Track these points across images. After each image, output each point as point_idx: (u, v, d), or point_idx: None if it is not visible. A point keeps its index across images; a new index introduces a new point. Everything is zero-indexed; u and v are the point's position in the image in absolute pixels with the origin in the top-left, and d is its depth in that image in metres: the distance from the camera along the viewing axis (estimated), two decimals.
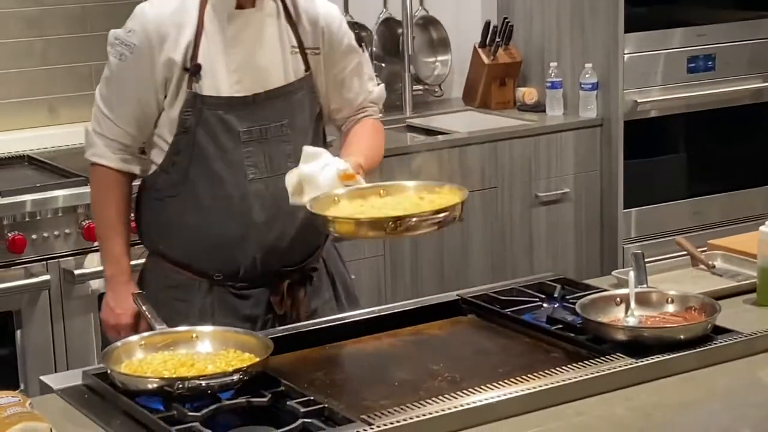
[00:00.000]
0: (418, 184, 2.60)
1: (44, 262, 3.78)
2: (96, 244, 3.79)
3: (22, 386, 3.77)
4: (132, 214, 2.87)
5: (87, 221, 3.78)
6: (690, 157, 5.18)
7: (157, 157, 2.77)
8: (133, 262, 2.88)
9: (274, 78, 2.75)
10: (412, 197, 2.53)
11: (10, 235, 3.71)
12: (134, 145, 2.79)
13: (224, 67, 2.71)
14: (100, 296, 3.82)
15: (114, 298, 2.83)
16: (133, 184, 2.86)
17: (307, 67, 2.80)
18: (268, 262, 2.76)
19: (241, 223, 2.73)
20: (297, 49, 2.79)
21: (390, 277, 4.50)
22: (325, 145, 2.84)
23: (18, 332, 3.78)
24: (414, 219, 2.36)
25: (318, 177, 2.53)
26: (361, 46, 2.93)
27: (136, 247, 2.91)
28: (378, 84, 3.01)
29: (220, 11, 2.72)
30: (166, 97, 2.71)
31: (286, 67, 2.77)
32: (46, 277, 3.76)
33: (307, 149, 2.59)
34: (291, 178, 2.57)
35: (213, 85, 2.70)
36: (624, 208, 4.92)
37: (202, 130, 2.71)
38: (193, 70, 2.69)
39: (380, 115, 3.02)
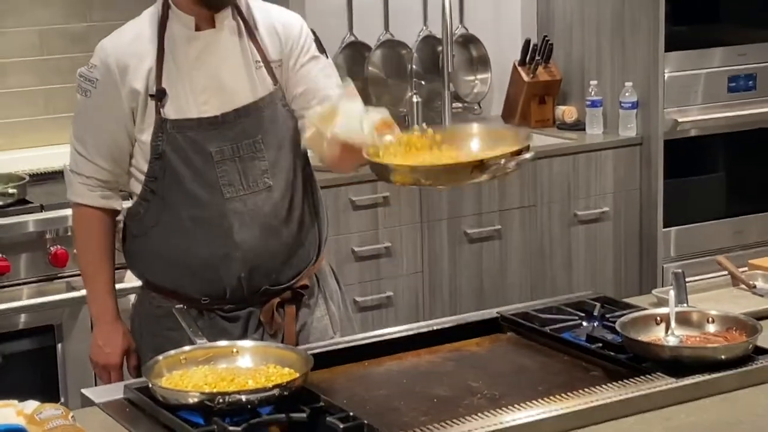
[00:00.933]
0: (475, 131, 2.46)
1: None
2: None
3: (62, 399, 3.79)
4: (119, 245, 2.87)
5: None
6: (730, 177, 5.17)
7: (136, 187, 2.76)
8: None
9: (241, 96, 2.73)
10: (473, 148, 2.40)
11: (52, 249, 3.75)
12: (112, 180, 2.79)
13: (190, 89, 2.70)
14: None
15: (102, 337, 2.85)
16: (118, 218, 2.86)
17: (275, 81, 2.77)
18: (253, 281, 2.74)
19: (222, 243, 2.72)
20: (261, 64, 2.76)
21: (428, 294, 4.51)
22: (307, 158, 2.83)
23: (59, 346, 3.81)
24: (493, 164, 2.23)
25: (361, 118, 2.46)
26: (323, 53, 2.87)
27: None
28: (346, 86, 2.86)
29: (179, 35, 2.70)
30: (135, 125, 2.71)
31: (253, 84, 2.74)
32: None
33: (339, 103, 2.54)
34: (319, 110, 2.55)
35: (180, 108, 2.69)
36: (663, 227, 4.91)
37: (175, 154, 2.69)
38: (158, 95, 2.69)
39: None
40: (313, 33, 2.87)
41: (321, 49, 2.85)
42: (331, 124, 2.50)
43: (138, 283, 2.90)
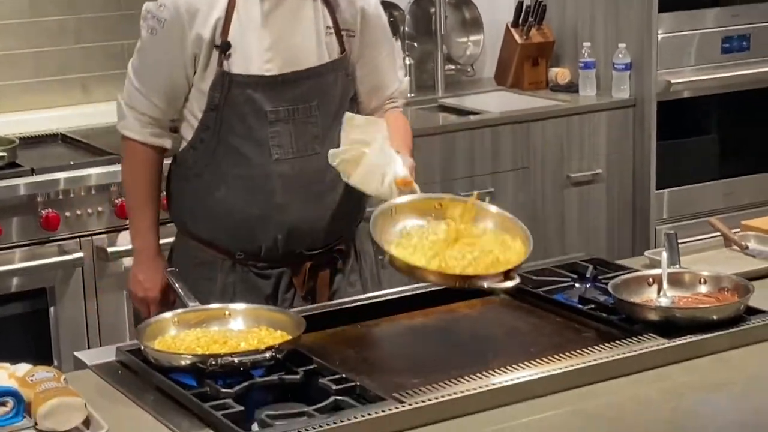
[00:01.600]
0: (495, 225, 2.48)
1: (77, 240, 3.81)
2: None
3: (55, 362, 3.80)
4: (163, 191, 2.89)
5: (120, 199, 3.80)
6: (723, 138, 5.16)
7: (187, 132, 2.78)
8: (163, 241, 2.89)
9: (306, 58, 2.73)
10: (488, 243, 2.40)
11: (43, 212, 3.74)
12: (164, 119, 2.80)
13: (256, 45, 2.69)
14: None
15: (142, 271, 2.86)
16: (165, 162, 2.87)
17: (343, 49, 2.78)
18: (289, 244, 2.76)
19: (263, 203, 2.73)
20: (332, 30, 2.76)
21: None
22: None
23: (52, 309, 3.81)
24: (485, 283, 2.27)
25: (384, 173, 2.51)
26: (395, 34, 2.91)
27: (167, 225, 2.93)
28: (406, 75, 2.98)
29: None
30: (195, 72, 2.71)
31: (320, 49, 2.75)
32: (80, 254, 3.79)
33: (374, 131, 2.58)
34: (346, 153, 2.56)
35: (243, 63, 2.69)
36: (656, 189, 4.90)
37: (230, 108, 2.70)
38: (223, 47, 2.68)
39: (402, 108, 2.99)
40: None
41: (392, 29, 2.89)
42: (352, 170, 2.54)
43: None
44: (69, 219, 3.78)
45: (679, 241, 2.70)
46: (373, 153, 2.56)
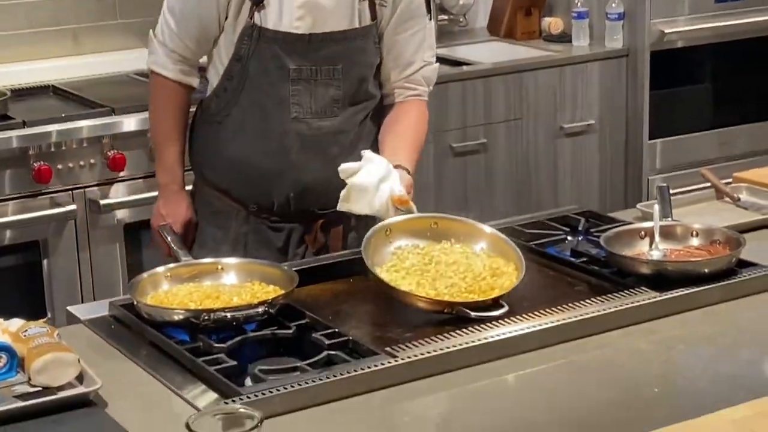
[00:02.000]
0: (484, 249, 2.46)
1: (70, 192, 3.80)
2: (121, 174, 3.84)
3: (49, 314, 3.80)
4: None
5: (112, 151, 3.80)
6: (716, 88, 5.15)
7: (213, 78, 2.80)
8: None
9: (337, 21, 2.72)
10: (480, 267, 2.38)
11: (35, 165, 3.73)
12: (194, 58, 2.83)
13: (288, 2, 2.69)
14: (126, 225, 3.86)
15: (165, 206, 2.87)
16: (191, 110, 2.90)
17: (374, 17, 2.77)
18: (302, 202, 2.78)
19: (278, 160, 2.75)
20: None
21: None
22: (379, 99, 2.84)
23: (44, 261, 3.81)
24: (473, 314, 2.23)
25: (372, 197, 2.51)
26: (429, 12, 2.87)
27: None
28: (436, 61, 2.94)
29: None
30: (227, 18, 2.72)
31: (352, 13, 2.73)
32: (72, 207, 3.78)
33: (365, 154, 2.56)
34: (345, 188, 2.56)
35: (273, 18, 2.70)
36: (649, 139, 4.90)
37: (255, 62, 2.72)
38: (256, 0, 2.69)
39: (426, 97, 2.94)
40: None
41: (428, 8, 2.85)
42: (347, 202, 2.54)
43: None
44: (61, 172, 3.77)
45: (672, 192, 2.70)
46: (356, 181, 2.53)
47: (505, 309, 2.24)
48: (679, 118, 5.01)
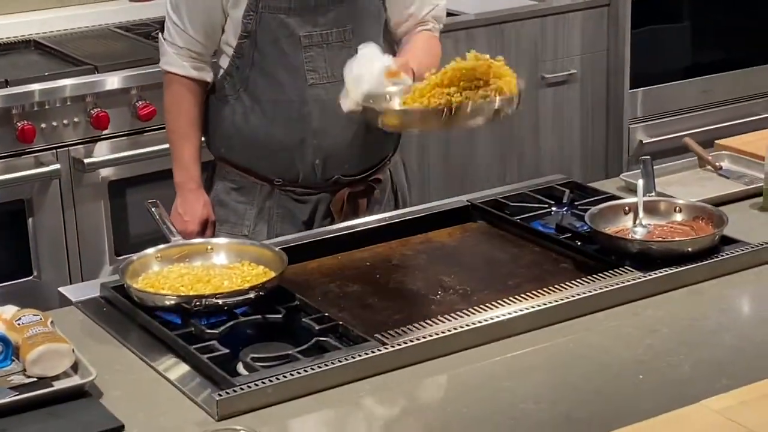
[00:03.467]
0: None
1: (54, 151, 3.80)
2: (105, 132, 3.83)
3: (35, 272, 3.82)
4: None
5: (96, 109, 3.78)
6: (697, 34, 5.14)
7: (224, 62, 2.80)
8: None
9: None
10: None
11: (19, 124, 3.71)
12: (205, 53, 2.82)
13: None
14: (110, 183, 3.87)
15: (182, 205, 2.88)
16: None
17: None
18: (327, 169, 2.79)
19: (299, 128, 2.76)
20: None
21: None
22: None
23: (30, 220, 3.81)
24: (469, 107, 2.26)
25: (363, 74, 2.48)
26: None
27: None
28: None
29: None
30: (230, 1, 2.72)
31: None
32: (56, 166, 3.78)
33: (360, 49, 2.55)
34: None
35: None
36: (630, 88, 4.91)
37: (263, 34, 2.71)
38: None
39: (438, 33, 2.96)
40: None
41: None
42: (346, 98, 2.48)
43: None
44: (45, 131, 3.76)
45: (654, 161, 2.72)
46: (353, 66, 2.51)
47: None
48: (661, 66, 5.01)
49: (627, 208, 2.56)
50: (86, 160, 3.82)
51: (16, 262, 3.80)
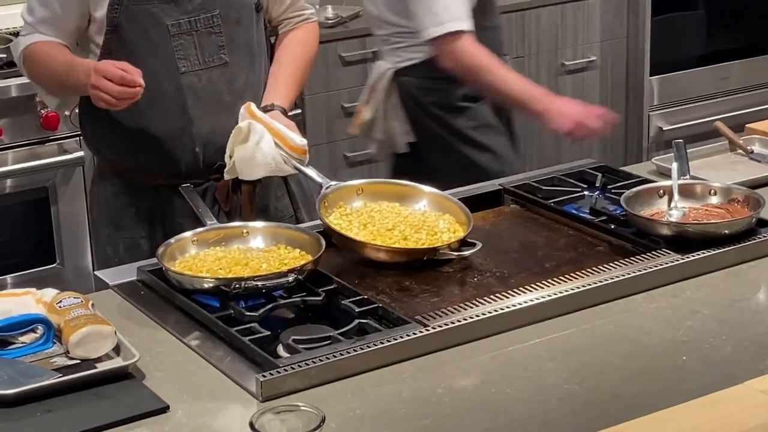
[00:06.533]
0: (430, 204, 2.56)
1: (77, 139, 3.80)
2: None
3: (58, 260, 3.82)
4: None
5: None
6: (715, 21, 5.14)
7: (92, 60, 2.69)
8: None
9: None
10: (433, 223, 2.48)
11: (43, 111, 3.72)
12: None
13: None
14: None
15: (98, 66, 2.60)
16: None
17: None
18: (208, 157, 2.73)
19: (177, 118, 2.71)
20: None
21: None
22: (268, 42, 2.83)
23: (53, 208, 3.82)
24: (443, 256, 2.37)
25: (255, 156, 2.55)
26: None
27: None
28: None
29: None
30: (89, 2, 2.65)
31: None
32: (80, 153, 3.79)
33: (239, 125, 2.59)
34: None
35: None
36: (650, 75, 4.91)
37: (130, 27, 2.66)
38: None
39: (315, 17, 2.94)
40: None
41: None
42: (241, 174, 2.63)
43: None
44: (68, 118, 3.76)
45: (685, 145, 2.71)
46: (238, 150, 2.59)
47: (478, 245, 2.36)
48: (679, 52, 5.01)
49: (662, 191, 2.56)
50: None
51: (40, 249, 3.81)
